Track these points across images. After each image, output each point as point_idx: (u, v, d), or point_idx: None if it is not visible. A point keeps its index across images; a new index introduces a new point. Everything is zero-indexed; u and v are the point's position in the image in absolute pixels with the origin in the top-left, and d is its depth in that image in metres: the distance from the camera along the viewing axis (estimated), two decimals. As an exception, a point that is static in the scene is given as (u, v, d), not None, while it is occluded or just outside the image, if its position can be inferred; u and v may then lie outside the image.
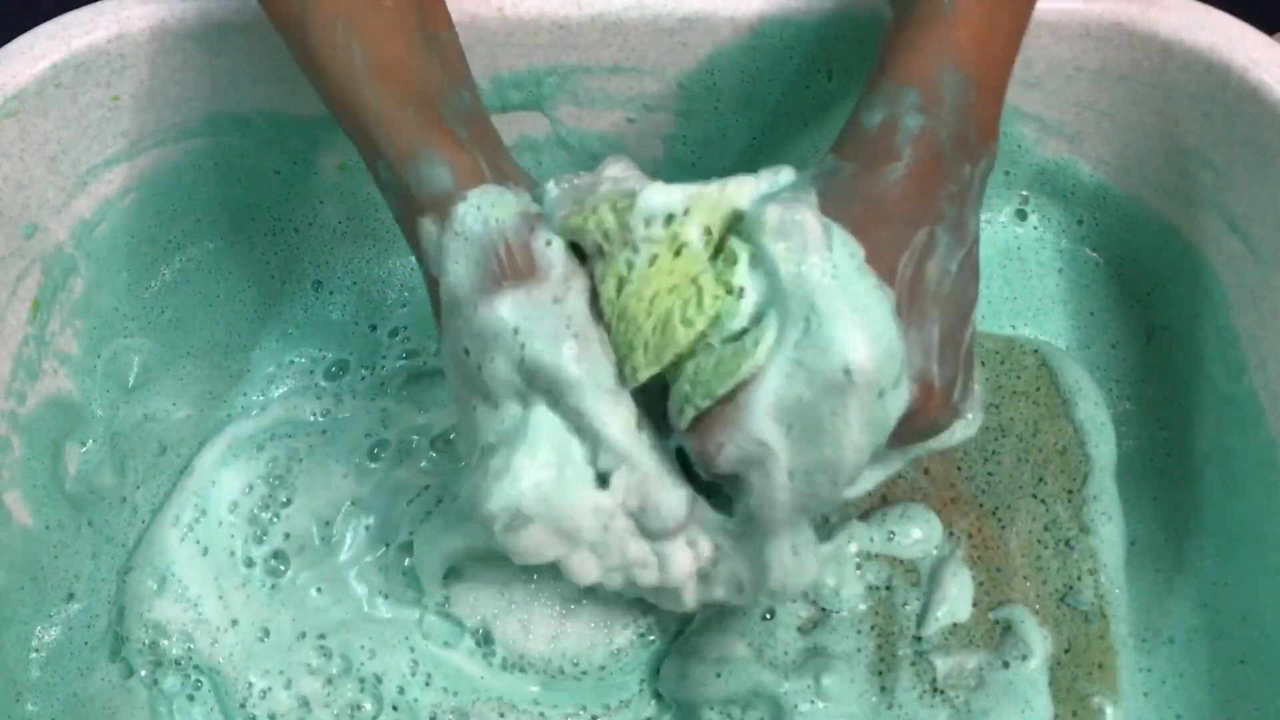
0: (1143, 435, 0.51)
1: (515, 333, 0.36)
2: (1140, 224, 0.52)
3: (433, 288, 0.39)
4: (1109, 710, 0.45)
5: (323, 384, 0.54)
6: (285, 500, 0.51)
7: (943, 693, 0.44)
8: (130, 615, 0.48)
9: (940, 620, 0.46)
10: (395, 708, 0.47)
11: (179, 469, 0.52)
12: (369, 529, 0.50)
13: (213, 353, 0.54)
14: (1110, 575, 0.47)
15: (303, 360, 0.55)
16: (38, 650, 0.47)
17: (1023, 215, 0.55)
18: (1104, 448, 0.50)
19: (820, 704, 0.44)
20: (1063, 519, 0.48)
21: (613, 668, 0.47)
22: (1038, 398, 0.51)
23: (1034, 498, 0.48)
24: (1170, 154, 0.50)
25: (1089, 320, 0.54)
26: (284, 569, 0.49)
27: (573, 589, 0.44)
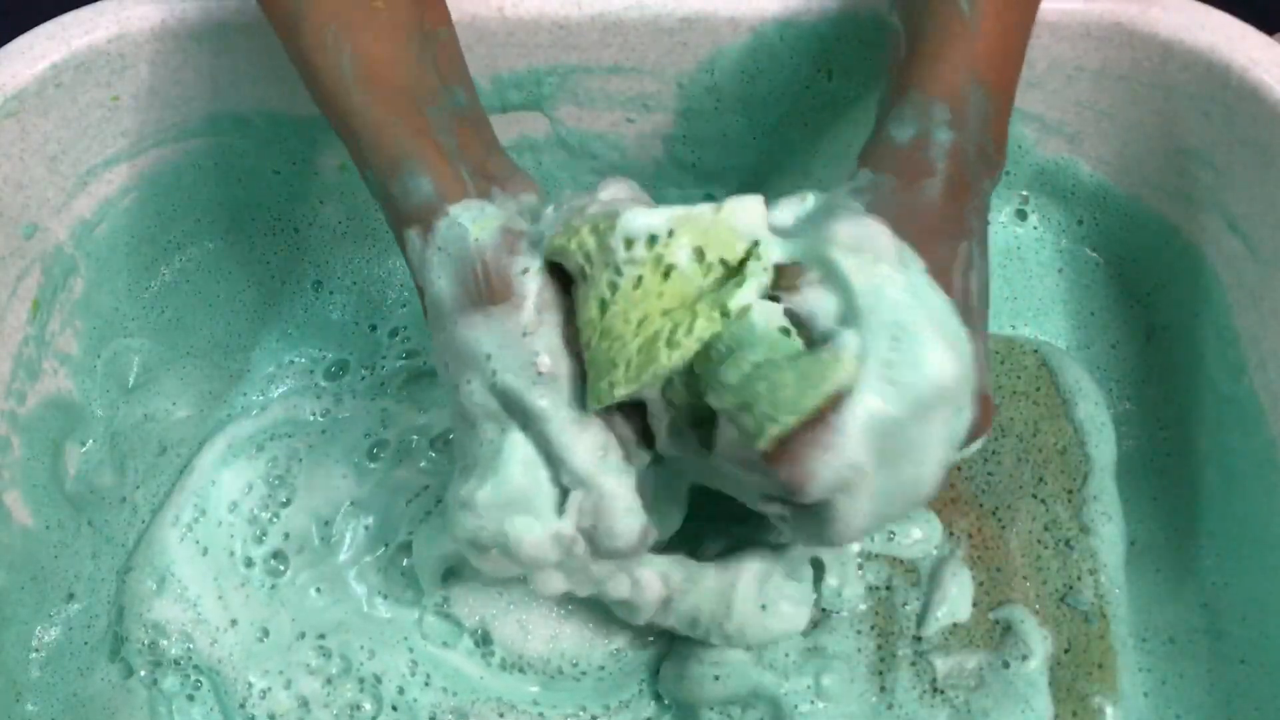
0: (1143, 435, 0.51)
1: (488, 359, 0.37)
2: (1140, 224, 0.52)
3: (422, 295, 0.40)
4: (1109, 710, 0.45)
5: (323, 384, 0.54)
6: (285, 500, 0.51)
7: (943, 693, 0.44)
8: (130, 615, 0.48)
9: (940, 620, 0.45)
10: (395, 708, 0.47)
11: (179, 469, 0.52)
12: (368, 529, 0.50)
13: (213, 353, 0.54)
14: (1110, 575, 0.47)
15: (303, 360, 0.55)
16: (38, 650, 0.47)
17: (1023, 215, 0.55)
18: (1104, 448, 0.49)
19: (820, 704, 0.44)
20: (1063, 519, 0.48)
21: (612, 668, 0.47)
22: (1038, 398, 0.51)
23: (1034, 498, 0.48)
24: (1170, 154, 0.50)
25: (1089, 320, 0.54)
26: (283, 569, 0.49)
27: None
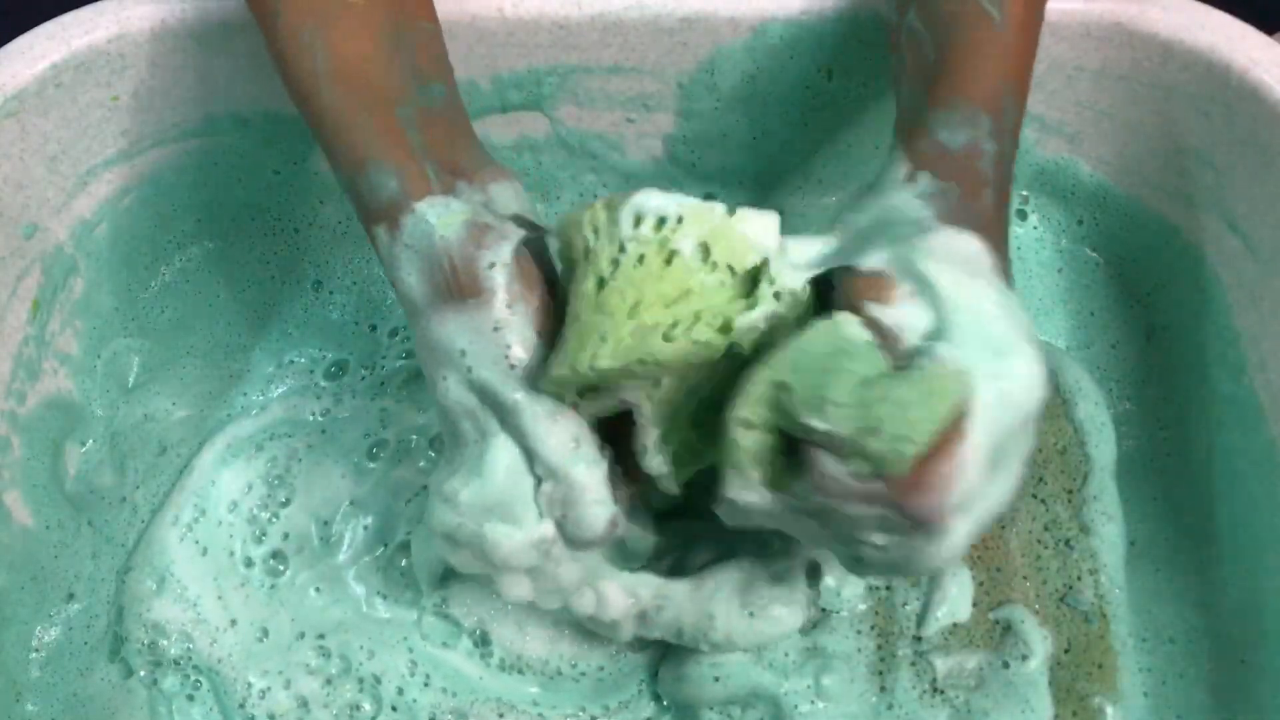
0: (1143, 435, 0.51)
1: (463, 354, 0.37)
2: (1140, 224, 0.52)
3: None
4: (1109, 710, 0.45)
5: (322, 384, 0.54)
6: (284, 500, 0.51)
7: (943, 693, 0.44)
8: (129, 615, 0.48)
9: (940, 620, 0.45)
10: (394, 708, 0.47)
11: (179, 469, 0.52)
12: (368, 529, 0.50)
13: (213, 353, 0.54)
14: (1110, 575, 0.47)
15: (302, 360, 0.55)
16: (38, 650, 0.47)
17: (1023, 215, 0.55)
18: (1104, 448, 0.49)
19: (820, 704, 0.44)
20: (1063, 519, 0.48)
21: (611, 669, 0.47)
22: (1038, 398, 0.51)
23: (1034, 498, 0.48)
24: (1170, 154, 0.50)
25: (1089, 320, 0.54)
26: (283, 569, 0.49)
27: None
